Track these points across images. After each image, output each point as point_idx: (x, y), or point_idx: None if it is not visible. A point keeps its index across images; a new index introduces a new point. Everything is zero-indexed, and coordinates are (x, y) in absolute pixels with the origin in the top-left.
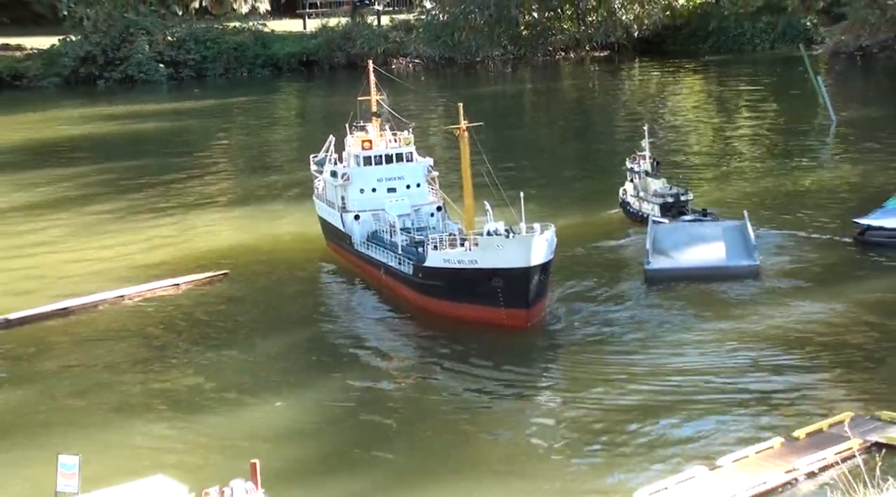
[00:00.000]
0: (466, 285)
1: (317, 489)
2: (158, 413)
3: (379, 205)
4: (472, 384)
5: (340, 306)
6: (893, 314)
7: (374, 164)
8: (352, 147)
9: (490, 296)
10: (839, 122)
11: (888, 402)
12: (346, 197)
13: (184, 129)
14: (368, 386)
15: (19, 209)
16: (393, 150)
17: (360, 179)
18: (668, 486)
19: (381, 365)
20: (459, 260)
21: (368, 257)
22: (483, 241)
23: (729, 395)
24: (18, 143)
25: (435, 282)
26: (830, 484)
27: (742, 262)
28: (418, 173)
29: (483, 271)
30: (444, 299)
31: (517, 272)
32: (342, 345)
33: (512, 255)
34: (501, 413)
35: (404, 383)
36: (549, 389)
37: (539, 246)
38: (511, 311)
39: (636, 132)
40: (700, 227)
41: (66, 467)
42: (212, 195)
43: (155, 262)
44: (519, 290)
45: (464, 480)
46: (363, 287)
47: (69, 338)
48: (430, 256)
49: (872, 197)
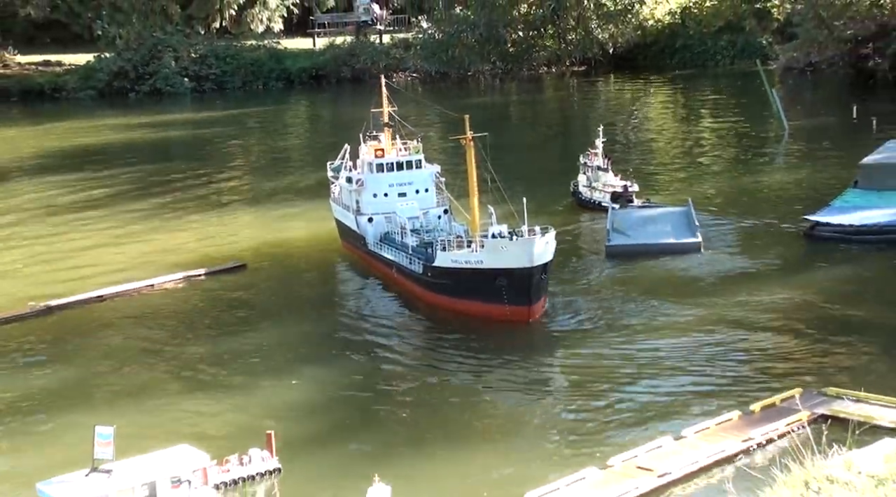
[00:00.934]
0: (473, 284)
1: (326, 458)
2: (184, 389)
3: (390, 208)
4: (473, 368)
5: (352, 298)
6: (838, 300)
7: (385, 171)
8: (365, 155)
9: (495, 293)
10: (791, 130)
11: (834, 379)
12: (361, 201)
13: (206, 136)
14: (378, 367)
15: (59, 207)
16: (403, 157)
17: (373, 185)
18: (639, 454)
19: (390, 350)
20: (466, 260)
21: (381, 257)
22: (488, 243)
23: (692, 372)
24: (59, 149)
25: (443, 280)
26: (782, 452)
27: (687, 239)
28: (427, 179)
29: (488, 271)
30: (452, 296)
31: (520, 272)
32: (354, 332)
33: (515, 256)
34: (498, 392)
35: (411, 367)
36: (536, 373)
37: (540, 247)
38: (514, 308)
39: (607, 136)
40: (651, 211)
41: (102, 437)
42: (231, 195)
43: (180, 255)
44: (522, 289)
45: (461, 449)
46: (374, 282)
47: (104, 322)
48: (438, 257)
49: (820, 196)
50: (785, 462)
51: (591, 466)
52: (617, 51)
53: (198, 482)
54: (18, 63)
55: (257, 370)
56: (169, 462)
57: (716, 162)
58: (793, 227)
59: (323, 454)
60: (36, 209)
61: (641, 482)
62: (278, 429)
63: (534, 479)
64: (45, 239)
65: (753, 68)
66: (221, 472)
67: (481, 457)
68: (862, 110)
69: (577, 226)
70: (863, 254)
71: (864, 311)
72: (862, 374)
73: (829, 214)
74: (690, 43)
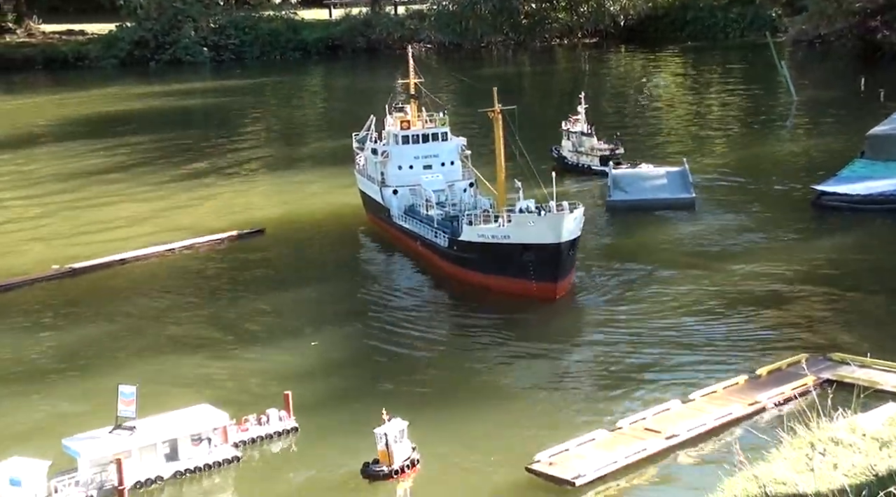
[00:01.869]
0: (499, 259)
1: (343, 418)
2: (204, 350)
3: (416, 180)
4: (489, 336)
5: (372, 267)
6: (844, 268)
7: (411, 143)
8: (391, 126)
9: (521, 269)
10: (799, 101)
11: (839, 345)
12: (386, 173)
13: (225, 105)
14: (395, 332)
15: (82, 174)
16: (429, 129)
17: (398, 156)
18: (647, 417)
19: (408, 317)
20: (493, 235)
21: (406, 229)
22: (516, 217)
23: (699, 337)
24: (83, 116)
25: (469, 254)
26: (788, 415)
27: (682, 195)
28: (452, 152)
29: (516, 246)
30: (477, 271)
31: (548, 248)
32: (372, 298)
33: (543, 231)
34: (511, 359)
35: (428, 333)
36: (550, 340)
37: (569, 223)
38: (541, 284)
39: (617, 106)
40: (648, 171)
41: (125, 395)
42: (250, 162)
43: (200, 220)
44: (549, 265)
45: (474, 412)
46: (397, 253)
47: (126, 285)
48: (465, 231)
49: (828, 166)
50: (791, 425)
51: (600, 429)
52: (628, 23)
53: (217, 440)
54: (43, 32)
55: (276, 332)
56: (190, 420)
57: (725, 132)
58: (800, 196)
59: (339, 414)
60: (60, 175)
61: (649, 444)
62: (296, 389)
63: (544, 441)
64: (68, 204)
65: (763, 40)
66: (240, 430)
67: (494, 419)
68: (869, 82)
69: (566, 189)
70: (869, 223)
71: (869, 279)
72: (867, 340)
73: (836, 184)
74: (701, 15)
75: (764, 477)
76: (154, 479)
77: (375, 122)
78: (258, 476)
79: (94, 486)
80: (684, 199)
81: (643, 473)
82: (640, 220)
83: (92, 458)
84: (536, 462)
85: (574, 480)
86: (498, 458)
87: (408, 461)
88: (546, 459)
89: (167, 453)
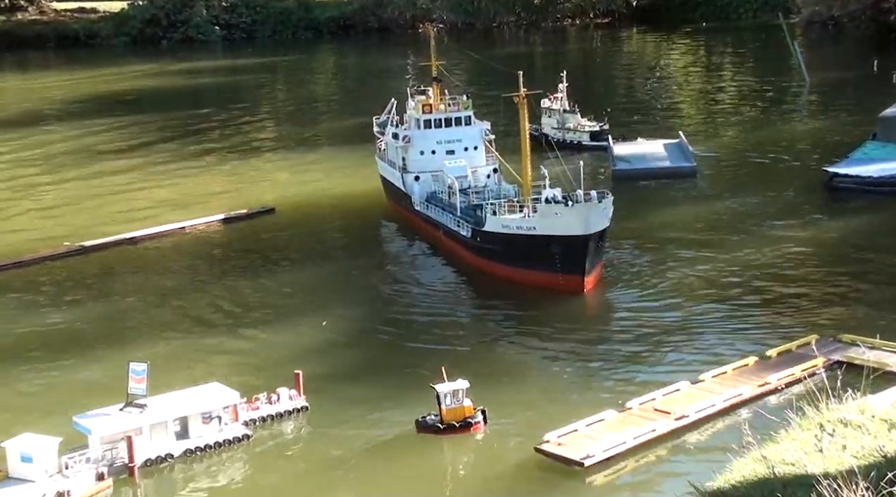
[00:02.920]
0: (524, 250)
1: (353, 398)
2: (215, 329)
3: (438, 166)
4: (502, 321)
5: (381, 246)
6: (855, 250)
7: (433, 127)
8: (413, 110)
9: (547, 261)
10: (812, 83)
11: (849, 327)
12: (407, 158)
13: (237, 84)
14: (408, 314)
15: (93, 152)
16: (452, 113)
17: (420, 141)
18: (657, 397)
19: (421, 300)
20: (518, 226)
21: (427, 217)
22: (542, 208)
23: (710, 318)
24: (94, 94)
25: (493, 246)
26: (797, 396)
27: (683, 163)
28: (476, 136)
29: (541, 238)
30: (502, 263)
31: (576, 239)
32: (385, 280)
33: (570, 222)
34: (524, 342)
35: (440, 313)
36: (558, 320)
37: (597, 214)
38: (568, 277)
39: (627, 86)
40: (647, 144)
41: (136, 373)
42: (261, 141)
43: (211, 199)
44: (576, 257)
45: (485, 394)
46: (395, 227)
47: (137, 263)
48: (488, 221)
49: (840, 148)
50: (800, 406)
51: (609, 409)
52: (640, 3)
53: (228, 419)
54: (54, 10)
55: (286, 312)
56: (200, 399)
57: (736, 114)
58: (812, 177)
59: (349, 394)
60: (71, 153)
61: (658, 424)
62: (306, 368)
63: (553, 421)
64: (79, 182)
65: (776, 21)
66: (251, 409)
67: (505, 402)
68: (882, 64)
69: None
70: (880, 204)
71: (880, 261)
72: (877, 322)
73: (848, 166)
74: None
75: (773, 457)
76: (164, 456)
77: (396, 106)
78: (268, 455)
79: (104, 463)
80: (686, 168)
81: (652, 454)
82: (647, 199)
83: (102, 436)
84: (545, 442)
85: (583, 461)
86: (507, 438)
87: (462, 421)
88: (555, 440)
89: (178, 431)
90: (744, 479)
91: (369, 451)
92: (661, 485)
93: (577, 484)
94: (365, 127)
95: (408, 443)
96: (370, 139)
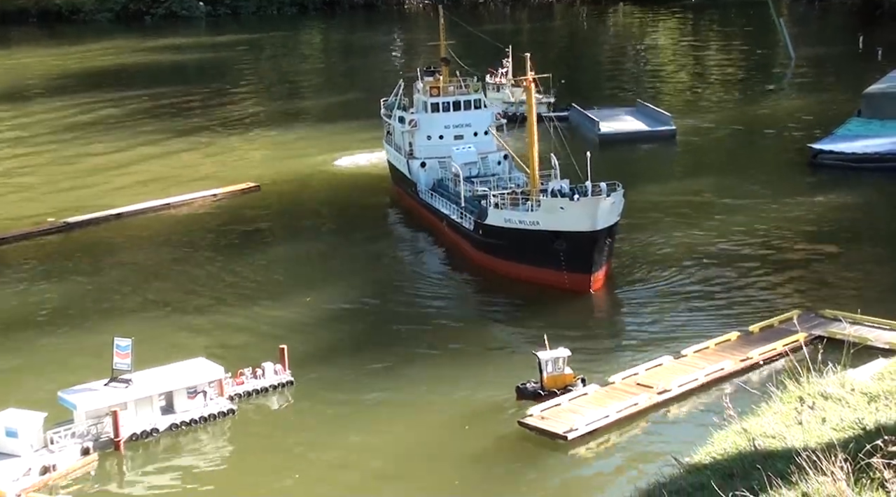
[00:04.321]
0: (527, 246)
1: (337, 372)
2: (199, 304)
3: (446, 152)
4: (484, 293)
5: (365, 224)
6: (837, 226)
7: (441, 111)
8: (420, 93)
9: (552, 259)
10: (797, 59)
11: (831, 302)
12: (414, 143)
13: (221, 60)
14: (391, 288)
15: (77, 128)
16: (461, 96)
17: (427, 126)
18: (639, 372)
19: (406, 274)
20: (521, 220)
21: (432, 207)
22: (546, 202)
23: (693, 294)
24: (77, 70)
25: (495, 240)
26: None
27: (662, 127)
28: (486, 121)
29: (545, 233)
30: (504, 259)
31: (582, 236)
32: (369, 256)
33: (576, 217)
34: (505, 318)
35: (425, 289)
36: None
37: (605, 208)
38: (573, 276)
39: (612, 62)
40: (624, 111)
41: (120, 348)
42: (246, 118)
43: (195, 175)
44: (582, 255)
45: (468, 369)
46: (385, 205)
47: (122, 240)
48: (491, 214)
49: (824, 124)
50: (781, 380)
51: (592, 384)
52: None
53: (213, 393)
54: None
55: (271, 287)
56: (186, 374)
57: (721, 89)
58: (796, 154)
59: (334, 368)
60: (55, 129)
61: (641, 398)
62: (291, 344)
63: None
64: (63, 159)
65: None
66: (236, 384)
67: (489, 378)
68: (867, 41)
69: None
70: (864, 181)
71: (862, 237)
72: (858, 297)
73: (832, 143)
74: None
75: (753, 430)
76: (150, 431)
77: (404, 87)
78: (254, 429)
79: (89, 438)
80: (666, 131)
81: (635, 428)
82: (629, 171)
83: (88, 410)
84: (529, 416)
85: (566, 434)
86: (491, 413)
87: (563, 388)
88: (538, 414)
89: (163, 406)
90: (724, 451)
91: (353, 425)
92: (644, 458)
93: (561, 457)
94: (349, 104)
95: (392, 417)
96: (356, 117)
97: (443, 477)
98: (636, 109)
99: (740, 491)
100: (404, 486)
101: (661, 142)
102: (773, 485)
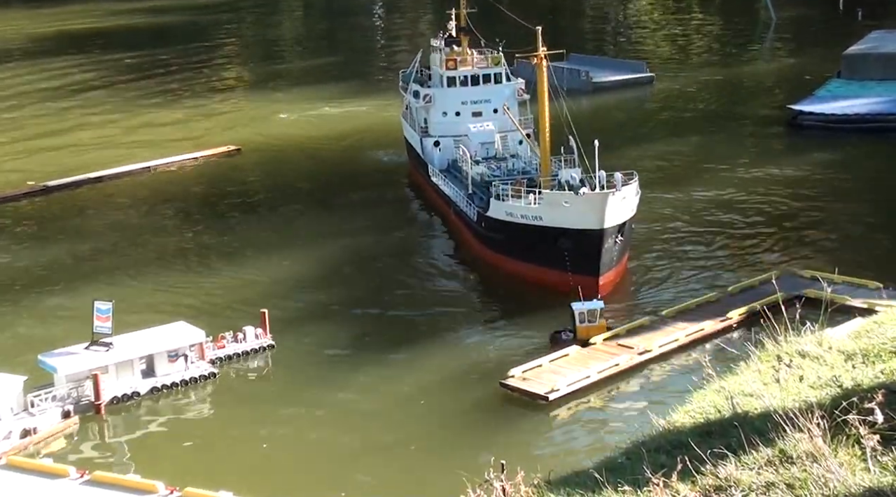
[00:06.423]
0: (529, 243)
1: (318, 335)
2: (180, 268)
3: (462, 130)
4: (468, 271)
5: (347, 188)
6: (818, 187)
7: (458, 85)
8: (436, 65)
9: (556, 258)
10: (778, 21)
11: (810, 262)
12: (429, 119)
13: (203, 23)
14: (373, 256)
15: (57, 91)
16: (481, 69)
17: (442, 101)
18: (620, 333)
19: (390, 241)
20: (523, 214)
21: (441, 191)
22: (549, 195)
23: (675, 255)
24: (54, 34)
25: (496, 234)
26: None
27: (641, 74)
28: (508, 96)
29: (548, 230)
30: (506, 255)
31: (587, 234)
32: (352, 221)
33: (581, 214)
34: (485, 278)
35: (407, 255)
36: None
37: (614, 204)
38: (579, 277)
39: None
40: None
41: (101, 311)
42: (228, 81)
43: (176, 138)
44: (589, 254)
45: (451, 335)
46: (367, 170)
47: (102, 203)
48: (492, 206)
49: (804, 85)
50: (760, 339)
51: (573, 345)
52: None
53: (194, 357)
54: None
55: (251, 251)
56: (166, 337)
57: (702, 50)
58: (776, 115)
59: (314, 332)
60: (34, 92)
61: (622, 359)
62: (272, 308)
63: (520, 360)
64: (42, 122)
65: None
66: (217, 347)
67: (472, 343)
68: (848, 2)
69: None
70: (844, 142)
71: (842, 198)
72: (837, 257)
73: (812, 104)
74: None
75: (732, 389)
76: (131, 394)
77: (422, 58)
78: (235, 392)
79: (70, 401)
80: (645, 78)
81: (616, 388)
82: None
83: (68, 374)
84: (510, 377)
85: (548, 395)
86: (472, 373)
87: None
88: (519, 375)
89: (144, 369)
90: (703, 410)
91: (333, 388)
92: (624, 417)
93: (542, 417)
94: (329, 67)
95: (372, 380)
96: (338, 80)
97: (420, 437)
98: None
99: (718, 448)
100: (383, 447)
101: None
102: (750, 442)
